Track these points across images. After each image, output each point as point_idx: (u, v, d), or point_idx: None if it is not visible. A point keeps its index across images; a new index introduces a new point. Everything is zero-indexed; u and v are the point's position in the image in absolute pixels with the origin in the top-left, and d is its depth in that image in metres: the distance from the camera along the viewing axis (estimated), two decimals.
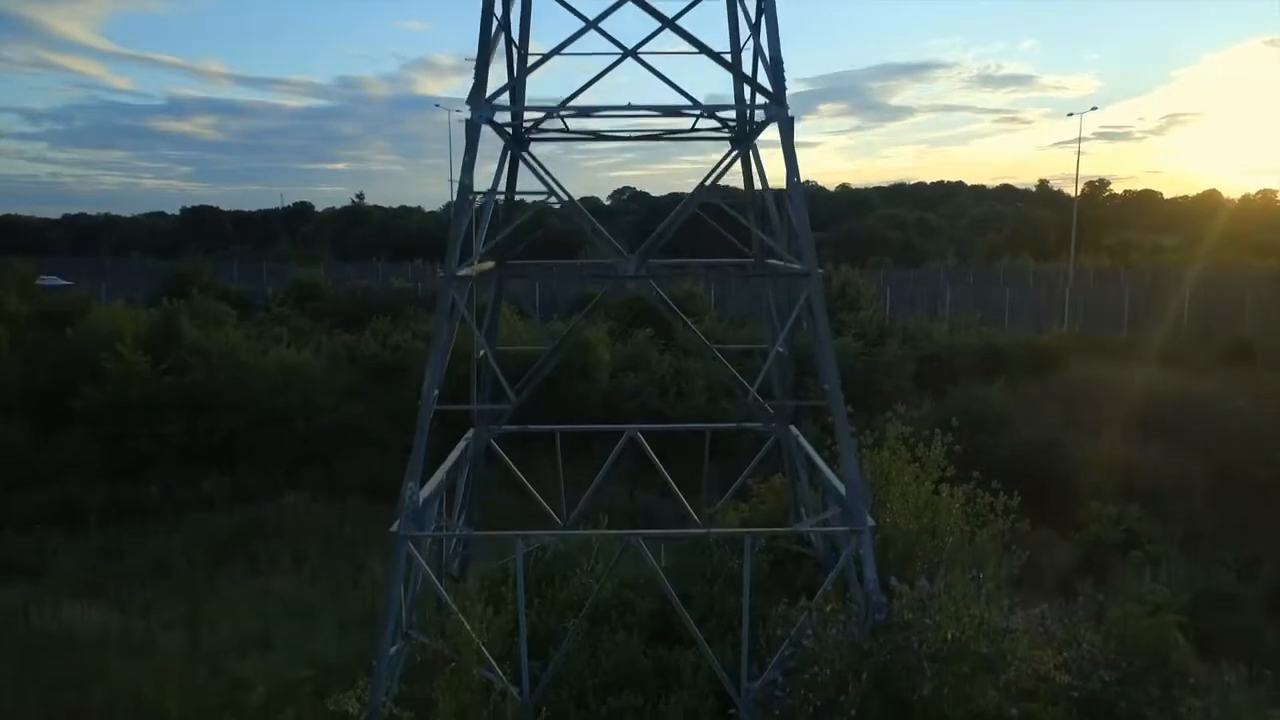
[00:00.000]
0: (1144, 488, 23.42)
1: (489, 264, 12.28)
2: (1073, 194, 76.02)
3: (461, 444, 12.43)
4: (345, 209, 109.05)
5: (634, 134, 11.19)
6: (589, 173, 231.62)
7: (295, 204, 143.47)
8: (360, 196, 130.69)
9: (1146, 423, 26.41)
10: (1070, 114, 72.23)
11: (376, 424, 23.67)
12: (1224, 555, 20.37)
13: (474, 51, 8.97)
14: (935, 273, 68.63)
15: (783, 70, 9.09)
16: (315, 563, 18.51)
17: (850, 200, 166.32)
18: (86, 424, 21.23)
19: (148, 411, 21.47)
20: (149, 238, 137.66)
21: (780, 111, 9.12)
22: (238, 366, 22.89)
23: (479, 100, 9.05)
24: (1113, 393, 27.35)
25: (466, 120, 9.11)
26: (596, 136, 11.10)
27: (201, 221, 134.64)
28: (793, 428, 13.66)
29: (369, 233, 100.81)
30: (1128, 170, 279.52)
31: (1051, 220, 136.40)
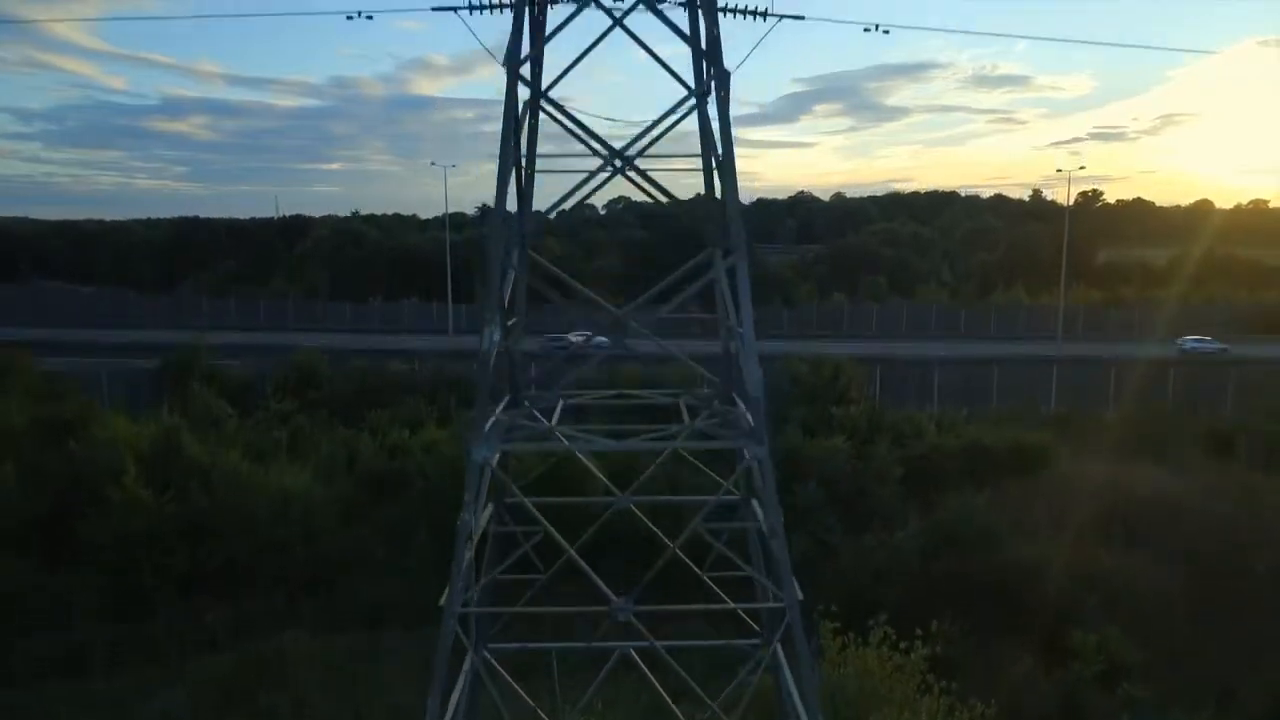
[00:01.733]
0: (1127, 603, 23.97)
1: (489, 510, 12.70)
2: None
3: (461, 680, 12.88)
4: (342, 227, 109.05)
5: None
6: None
7: (291, 216, 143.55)
8: (356, 214, 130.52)
9: (1130, 528, 26.96)
10: (1059, 170, 72.83)
11: (375, 545, 24.15)
12: (1202, 690, 20.94)
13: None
14: (928, 310, 69.10)
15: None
16: (316, 715, 19.03)
17: (846, 210, 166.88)
18: (91, 558, 21.66)
19: (151, 543, 21.91)
20: (145, 248, 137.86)
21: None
22: (239, 490, 23.32)
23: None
24: (1096, 495, 27.89)
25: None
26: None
27: (197, 230, 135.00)
28: (778, 648, 14.12)
29: (365, 253, 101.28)
30: (1122, 170, 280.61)
31: (1044, 234, 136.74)
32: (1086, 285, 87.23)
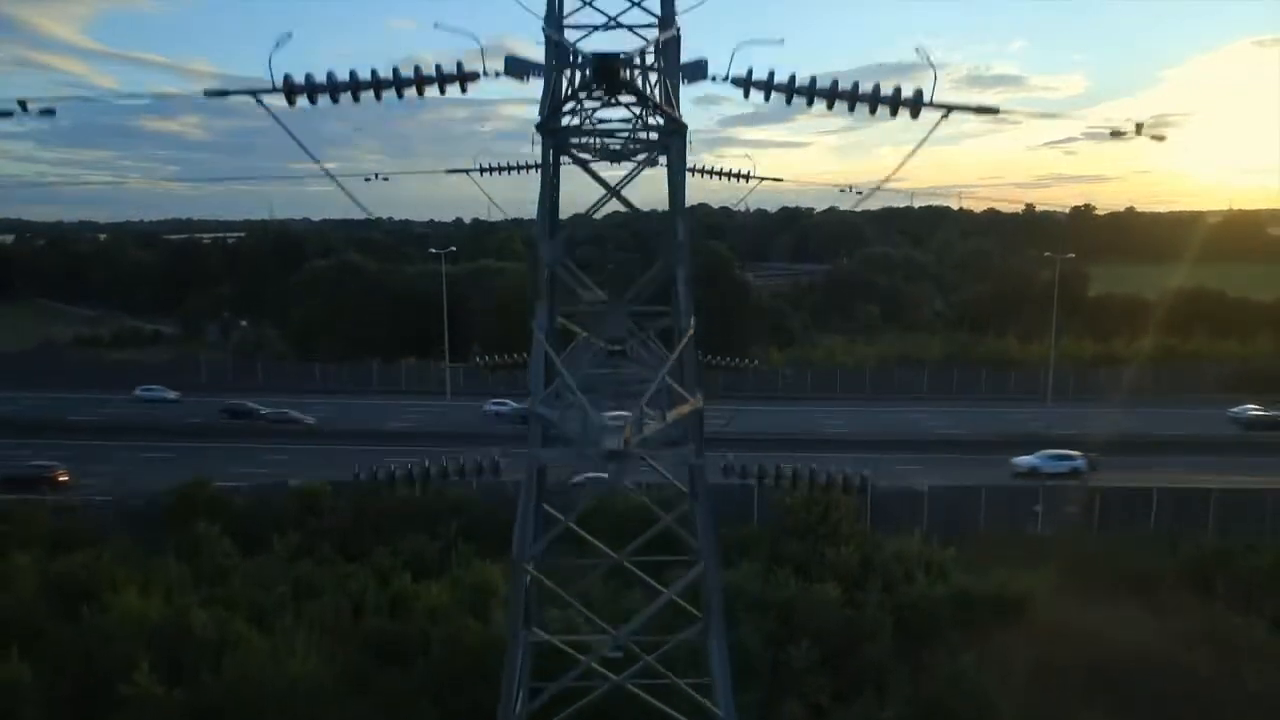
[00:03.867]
0: None
1: None
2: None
3: None
4: (337, 250, 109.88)
5: None
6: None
7: (283, 222, 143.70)
8: (349, 220, 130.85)
9: (1112, 686, 27.84)
10: (1049, 256, 74.24)
11: None
12: None
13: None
14: (920, 371, 69.95)
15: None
16: None
17: (842, 222, 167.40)
18: None
19: None
20: (138, 273, 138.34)
21: None
22: (247, 676, 24.05)
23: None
24: (1080, 646, 28.79)
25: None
26: None
27: (190, 253, 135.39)
28: None
29: (362, 285, 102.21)
30: (1117, 171, 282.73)
31: (1037, 261, 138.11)
32: (1078, 328, 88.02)
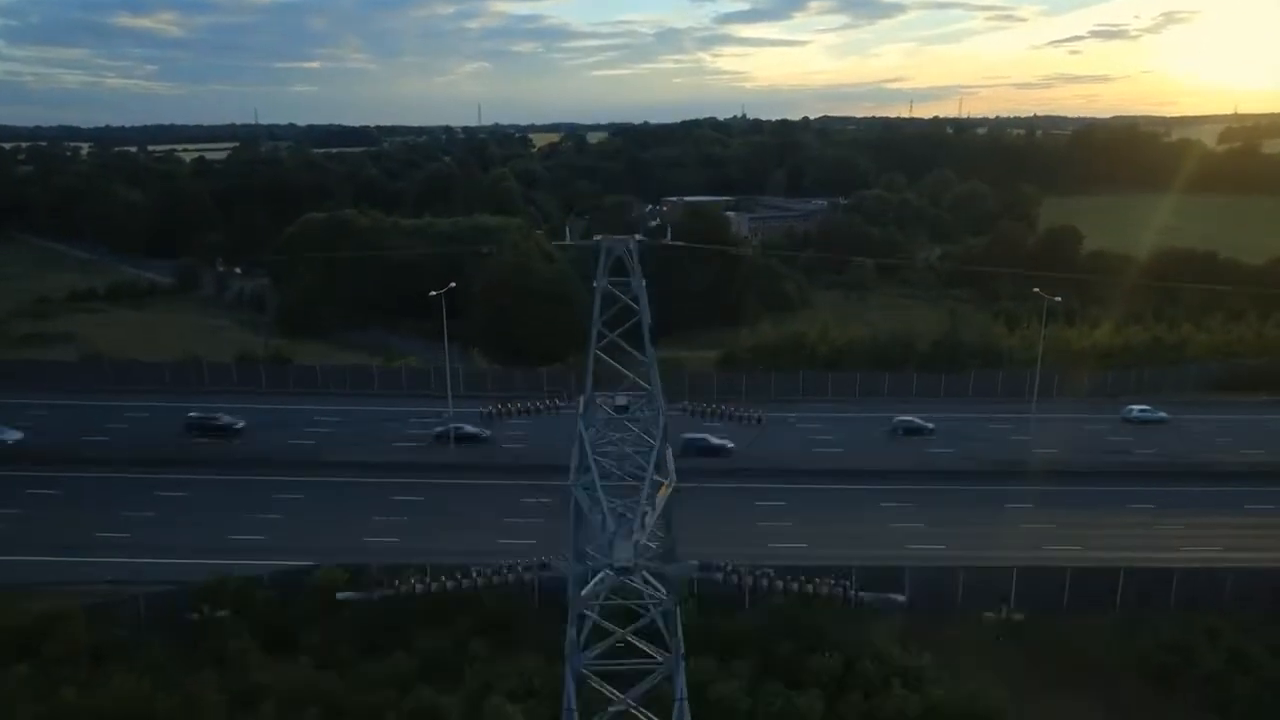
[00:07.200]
0: None
1: None
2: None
3: None
4: (333, 220, 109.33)
5: None
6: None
7: (273, 134, 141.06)
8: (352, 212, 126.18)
9: None
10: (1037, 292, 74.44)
11: None
12: None
13: None
14: (909, 379, 71.21)
15: None
16: None
17: (836, 160, 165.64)
18: None
19: None
20: (128, 213, 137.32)
21: None
22: None
23: None
24: None
25: None
26: None
27: (183, 201, 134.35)
28: None
29: (358, 243, 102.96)
30: (1123, 70, 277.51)
31: (1033, 201, 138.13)
32: (1069, 291, 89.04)
